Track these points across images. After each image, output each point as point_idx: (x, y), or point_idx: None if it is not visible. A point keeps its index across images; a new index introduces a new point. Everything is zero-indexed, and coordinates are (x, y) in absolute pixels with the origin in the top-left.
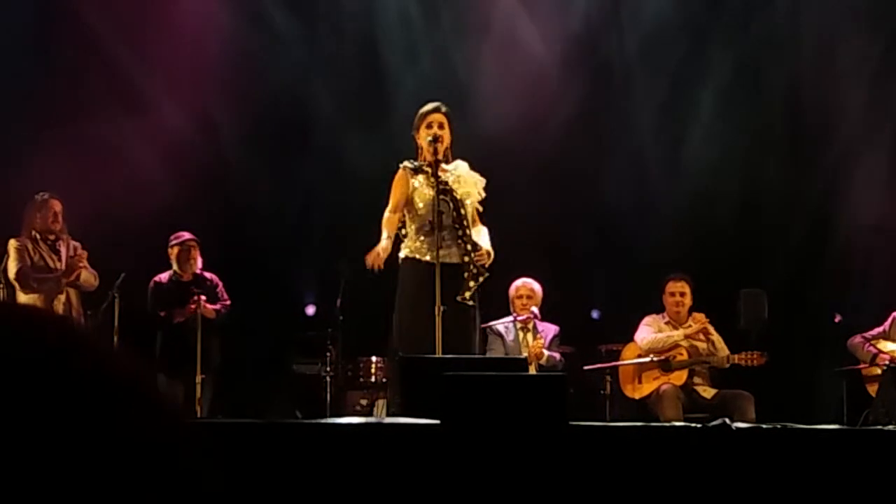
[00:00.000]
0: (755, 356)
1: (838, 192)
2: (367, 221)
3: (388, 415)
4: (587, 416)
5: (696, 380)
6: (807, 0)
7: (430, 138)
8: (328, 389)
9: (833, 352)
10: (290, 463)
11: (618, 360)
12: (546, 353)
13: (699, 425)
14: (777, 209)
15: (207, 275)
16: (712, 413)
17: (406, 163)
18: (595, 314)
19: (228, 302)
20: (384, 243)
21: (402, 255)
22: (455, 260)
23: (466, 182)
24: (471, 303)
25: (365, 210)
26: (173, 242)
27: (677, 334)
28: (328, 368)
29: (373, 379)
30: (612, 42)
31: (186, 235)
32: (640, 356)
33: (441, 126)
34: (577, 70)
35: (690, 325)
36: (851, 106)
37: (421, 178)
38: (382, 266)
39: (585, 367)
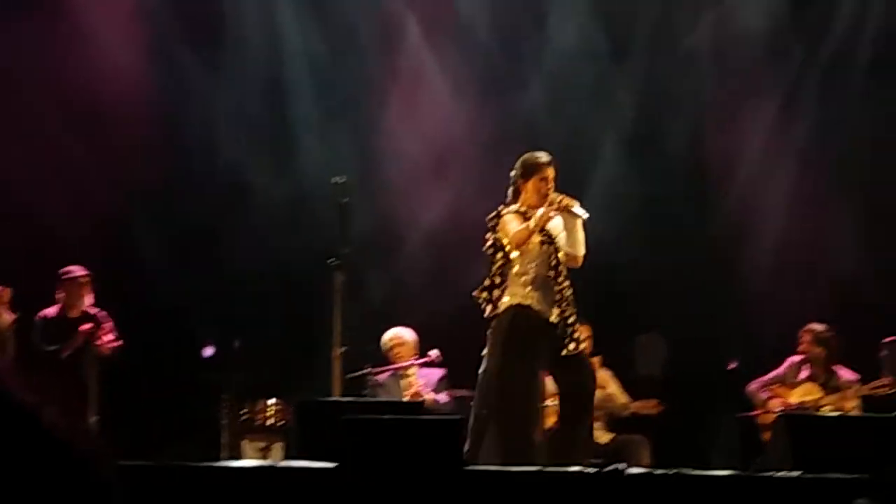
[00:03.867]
0: (652, 405)
1: (738, 239)
2: (271, 264)
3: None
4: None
5: (594, 424)
6: (709, 58)
7: (543, 192)
8: (224, 432)
9: (728, 397)
10: None
11: None
12: (429, 395)
13: (594, 470)
14: (676, 255)
15: (95, 311)
16: (608, 458)
17: (513, 207)
18: None
19: (119, 341)
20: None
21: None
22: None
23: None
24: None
25: (267, 253)
26: (64, 277)
27: None
28: (225, 411)
29: (270, 422)
30: (516, 86)
31: (78, 271)
32: None
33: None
34: (482, 111)
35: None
36: (750, 151)
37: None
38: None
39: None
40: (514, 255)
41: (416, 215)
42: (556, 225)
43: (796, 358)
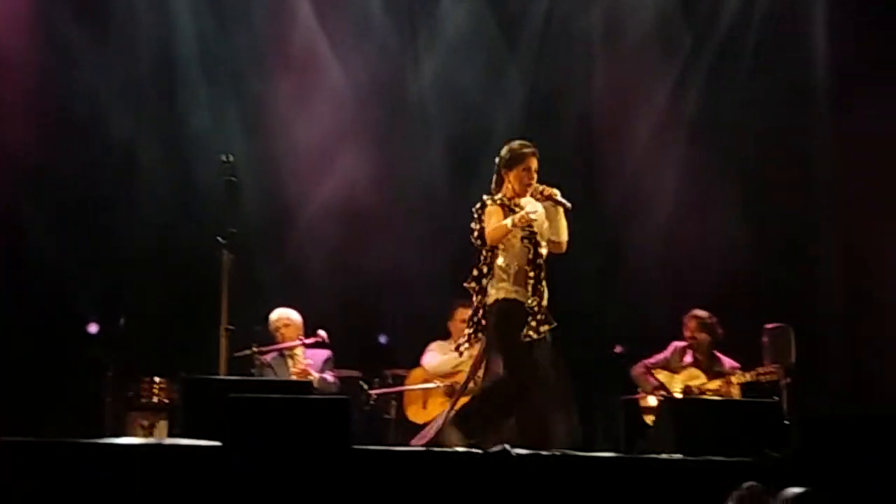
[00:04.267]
0: None
1: (626, 225)
2: (159, 241)
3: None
4: (371, 439)
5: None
6: (601, 43)
7: (526, 181)
8: (108, 409)
9: (614, 381)
10: (67, 483)
11: (404, 384)
12: (316, 375)
13: (481, 451)
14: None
15: None
16: None
17: (497, 198)
18: (382, 339)
19: None
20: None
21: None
22: None
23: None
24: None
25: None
26: None
27: (459, 357)
28: (109, 387)
29: (154, 399)
30: (408, 69)
31: None
32: (426, 381)
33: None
34: (374, 92)
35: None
36: (639, 136)
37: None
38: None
39: (372, 391)
40: (499, 247)
41: (307, 195)
42: (539, 214)
43: (681, 343)
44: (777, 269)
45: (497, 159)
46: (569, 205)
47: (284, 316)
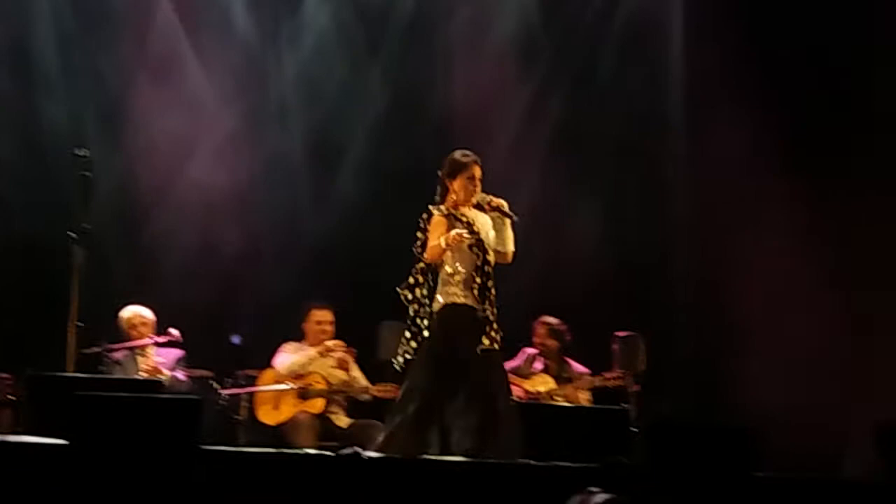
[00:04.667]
0: (392, 388)
1: None
2: (9, 236)
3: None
4: (221, 440)
5: (333, 408)
6: (463, 48)
7: (470, 190)
8: None
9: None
10: None
11: (256, 385)
12: (168, 374)
13: (331, 453)
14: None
15: None
16: (346, 441)
17: (442, 208)
18: (235, 339)
19: None
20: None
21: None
22: None
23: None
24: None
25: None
26: None
27: (312, 352)
28: None
29: None
30: (270, 68)
31: None
32: (278, 382)
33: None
34: (236, 92)
35: (332, 352)
36: (499, 143)
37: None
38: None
39: (223, 392)
40: (448, 252)
41: (163, 193)
42: (485, 223)
43: (531, 350)
44: (631, 277)
45: (439, 171)
46: (515, 217)
47: (137, 313)
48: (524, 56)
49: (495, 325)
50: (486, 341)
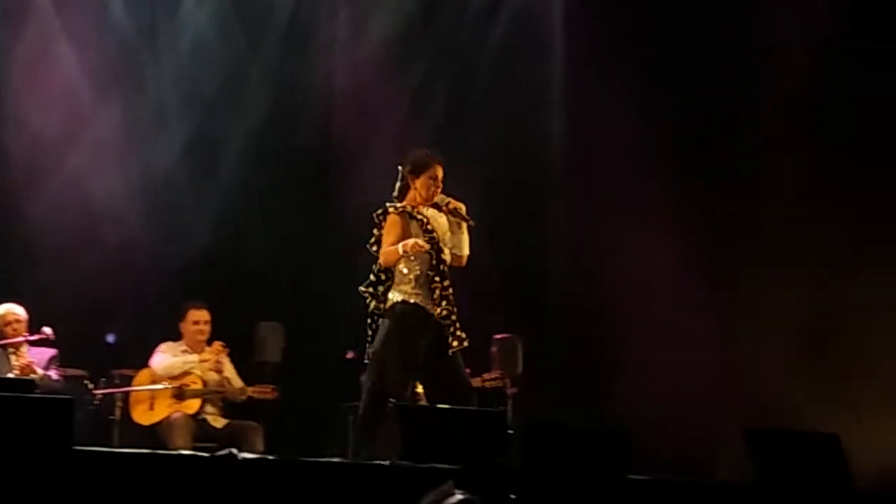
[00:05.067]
0: (268, 390)
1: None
2: None
3: None
4: (95, 440)
5: (209, 409)
6: (344, 47)
7: (432, 190)
8: None
9: (344, 386)
10: None
11: (131, 385)
12: (40, 372)
13: (207, 454)
14: (302, 247)
15: None
16: (221, 442)
17: (400, 207)
18: (110, 338)
19: None
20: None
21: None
22: None
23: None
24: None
25: None
26: None
27: (192, 358)
28: None
29: None
30: (148, 67)
31: None
32: (154, 382)
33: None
34: (113, 87)
35: (207, 353)
36: (378, 145)
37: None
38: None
39: (97, 391)
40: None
41: (37, 189)
42: (442, 225)
43: None
44: (510, 279)
45: (400, 167)
46: (472, 222)
47: (10, 311)
48: (405, 55)
49: (458, 325)
50: (454, 343)
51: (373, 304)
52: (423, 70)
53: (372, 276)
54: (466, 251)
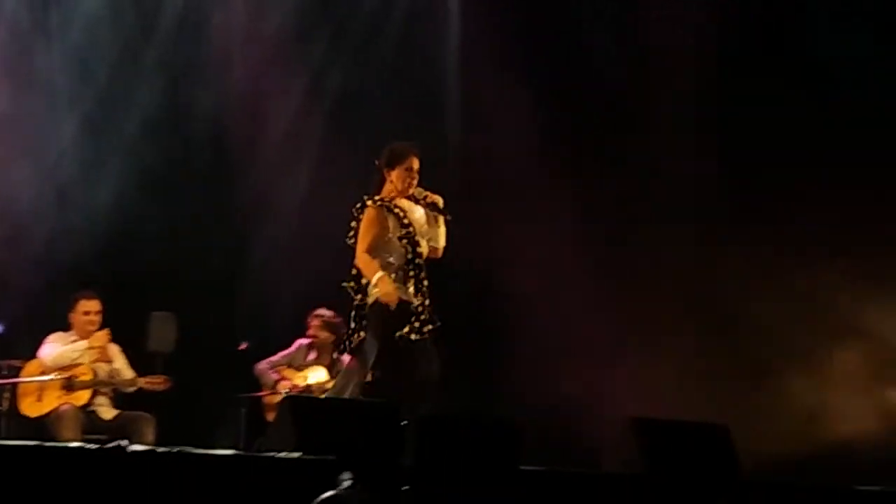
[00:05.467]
0: (160, 380)
1: (256, 221)
2: None
3: None
4: None
5: (99, 400)
6: (236, 32)
7: (407, 182)
8: None
9: (238, 378)
10: None
11: (19, 376)
12: None
13: (95, 446)
14: (196, 236)
15: None
16: (112, 434)
17: (378, 200)
18: None
19: None
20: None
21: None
22: None
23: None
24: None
25: None
26: None
27: (80, 345)
28: None
29: None
30: (39, 47)
31: None
32: (43, 373)
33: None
34: (1, 76)
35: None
36: (274, 133)
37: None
38: None
39: None
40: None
41: None
42: (419, 218)
43: (304, 341)
44: None
45: (377, 160)
46: (449, 216)
47: None
48: (300, 44)
49: (424, 316)
50: (412, 334)
51: (358, 297)
52: (318, 59)
53: (354, 270)
54: (443, 243)
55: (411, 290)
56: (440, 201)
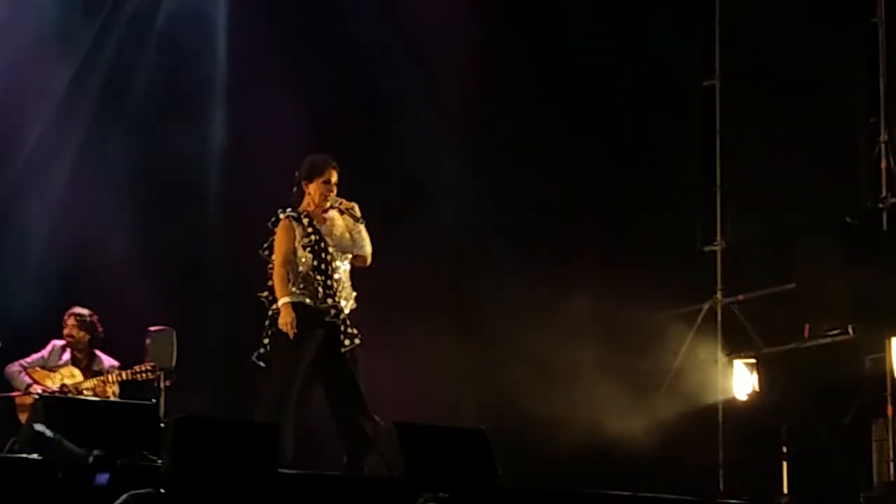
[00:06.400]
0: None
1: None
2: None
3: None
4: None
5: None
6: None
7: (325, 194)
8: None
9: None
10: None
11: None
12: None
13: None
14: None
15: None
16: None
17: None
18: None
19: None
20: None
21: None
22: None
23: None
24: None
25: None
26: None
27: None
28: None
29: None
30: None
31: None
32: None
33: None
34: None
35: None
36: (33, 133)
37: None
38: None
39: None
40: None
41: None
42: (339, 226)
43: (59, 341)
44: (167, 269)
45: (297, 171)
46: (363, 221)
47: None
48: (61, 46)
49: (348, 322)
50: (346, 342)
51: (273, 307)
52: (79, 60)
53: (269, 282)
54: (368, 249)
55: (320, 295)
56: (355, 207)
